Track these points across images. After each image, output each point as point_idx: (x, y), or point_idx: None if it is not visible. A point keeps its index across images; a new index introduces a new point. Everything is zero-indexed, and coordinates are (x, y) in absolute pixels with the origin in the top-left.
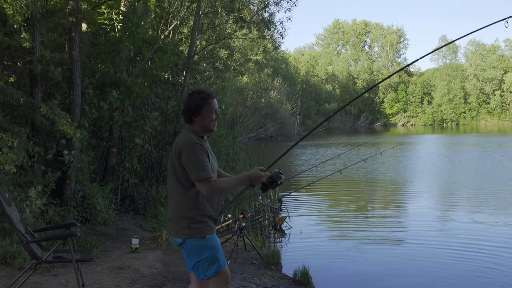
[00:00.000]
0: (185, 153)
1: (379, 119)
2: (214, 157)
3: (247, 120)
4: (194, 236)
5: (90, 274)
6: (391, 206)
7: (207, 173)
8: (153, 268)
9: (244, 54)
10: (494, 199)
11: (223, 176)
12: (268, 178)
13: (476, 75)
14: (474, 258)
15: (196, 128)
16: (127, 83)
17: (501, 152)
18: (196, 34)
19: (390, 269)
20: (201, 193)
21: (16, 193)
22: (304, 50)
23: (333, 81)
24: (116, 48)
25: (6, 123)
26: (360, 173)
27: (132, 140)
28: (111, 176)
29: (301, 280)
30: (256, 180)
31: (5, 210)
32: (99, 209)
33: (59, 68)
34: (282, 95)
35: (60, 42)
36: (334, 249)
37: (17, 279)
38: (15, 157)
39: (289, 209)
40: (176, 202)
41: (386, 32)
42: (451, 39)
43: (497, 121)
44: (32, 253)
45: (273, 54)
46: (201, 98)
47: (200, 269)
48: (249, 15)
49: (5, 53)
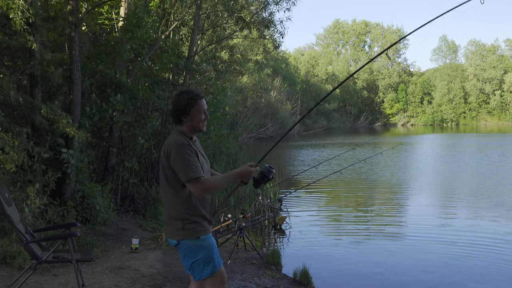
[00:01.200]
0: (174, 154)
1: (379, 119)
2: (205, 158)
3: (247, 120)
4: (189, 237)
5: (90, 274)
6: (391, 206)
7: (196, 173)
8: (153, 268)
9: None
10: (494, 199)
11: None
12: (259, 174)
13: (476, 75)
14: (474, 257)
15: (185, 129)
16: (127, 85)
17: (499, 152)
18: (196, 34)
19: (390, 269)
20: (193, 194)
21: (18, 193)
22: (304, 50)
23: (333, 81)
24: (117, 49)
25: (7, 123)
26: (360, 173)
27: (133, 140)
28: (111, 176)
29: (301, 280)
30: (247, 176)
31: (5, 210)
32: (99, 209)
33: (60, 69)
34: (282, 95)
35: (61, 42)
36: (334, 249)
37: (17, 279)
38: (16, 156)
39: (289, 209)
40: (169, 204)
41: (386, 32)
42: (451, 39)
43: (497, 121)
44: (32, 253)
45: (273, 54)
46: (189, 98)
47: (195, 269)
48: (249, 16)
49: (5, 53)
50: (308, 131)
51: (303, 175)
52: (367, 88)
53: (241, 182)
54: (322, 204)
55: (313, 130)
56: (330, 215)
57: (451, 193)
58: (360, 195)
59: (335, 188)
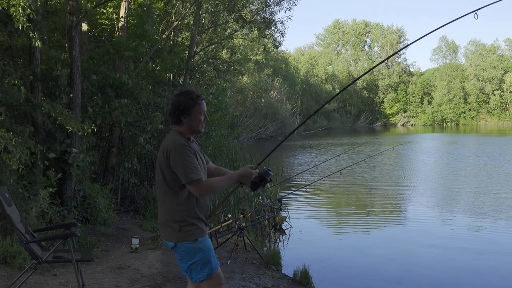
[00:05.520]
0: (173, 156)
1: (379, 119)
2: (202, 158)
3: (247, 120)
4: (186, 239)
5: (90, 274)
6: (391, 205)
7: (196, 175)
8: (153, 268)
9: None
10: (493, 198)
11: (224, 173)
12: (257, 176)
13: (476, 75)
14: (475, 257)
15: (183, 130)
16: (128, 85)
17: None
18: (196, 34)
19: (390, 269)
20: (191, 196)
21: (26, 194)
22: (304, 50)
23: (333, 81)
24: (119, 50)
25: (9, 122)
26: (360, 173)
27: (134, 140)
28: (111, 176)
29: (301, 280)
30: (246, 178)
31: (5, 210)
32: (99, 209)
33: (66, 70)
34: (282, 95)
35: (63, 43)
36: (334, 249)
37: (17, 279)
38: (18, 155)
39: (289, 209)
40: (167, 206)
41: (386, 32)
42: (451, 39)
43: (497, 121)
44: (32, 253)
45: (273, 54)
46: (190, 99)
47: (193, 272)
48: (249, 15)
49: (6, 54)
50: (308, 131)
51: (303, 175)
52: (367, 88)
53: (240, 184)
54: (322, 204)
55: (313, 130)
56: (330, 215)
57: (451, 193)
58: (360, 195)
59: (335, 188)
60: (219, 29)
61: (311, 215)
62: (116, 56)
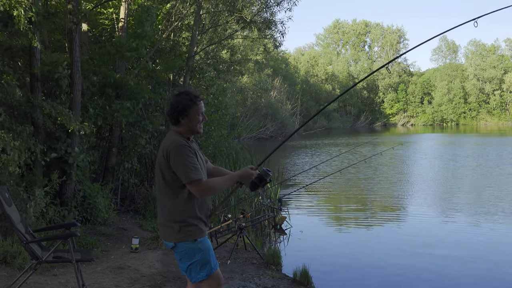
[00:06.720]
0: (173, 156)
1: (379, 119)
2: (202, 157)
3: (247, 120)
4: (186, 240)
5: (90, 274)
6: (391, 205)
7: (197, 175)
8: (153, 268)
9: (244, 54)
10: (493, 199)
11: (222, 173)
12: (257, 177)
13: (476, 75)
14: (475, 256)
15: (182, 130)
16: (128, 86)
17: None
18: (196, 34)
19: (390, 269)
20: (191, 196)
21: (26, 194)
22: (304, 50)
23: (333, 81)
24: (119, 51)
25: (9, 122)
26: (360, 173)
27: (134, 140)
28: (111, 176)
29: (301, 280)
30: (247, 179)
31: (5, 210)
32: (99, 209)
33: (68, 71)
34: (282, 95)
35: (63, 43)
36: (334, 249)
37: (17, 279)
38: (17, 157)
39: (289, 209)
40: (166, 206)
41: (386, 32)
42: (451, 39)
43: (497, 121)
44: (32, 253)
45: (273, 54)
46: (188, 99)
47: (192, 272)
48: (249, 15)
49: (6, 54)
50: (309, 131)
51: (303, 175)
52: (367, 88)
53: (240, 184)
54: (323, 204)
55: (313, 131)
56: (330, 215)
57: (452, 193)
58: (360, 195)
59: (335, 188)
60: (219, 29)
61: (311, 215)
62: (116, 57)
